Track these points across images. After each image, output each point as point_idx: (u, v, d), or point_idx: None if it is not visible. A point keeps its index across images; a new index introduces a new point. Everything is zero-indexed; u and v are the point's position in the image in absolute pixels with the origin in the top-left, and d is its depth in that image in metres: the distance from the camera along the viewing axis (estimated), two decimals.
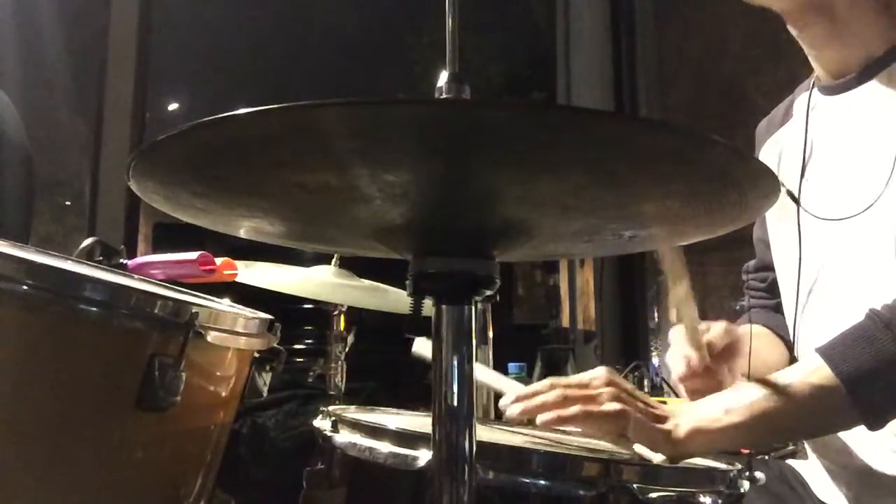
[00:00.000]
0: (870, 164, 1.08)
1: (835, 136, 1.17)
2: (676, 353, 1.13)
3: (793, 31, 1.18)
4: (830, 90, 1.19)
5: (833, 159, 1.17)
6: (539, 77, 4.36)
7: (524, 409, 0.94)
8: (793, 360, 1.30)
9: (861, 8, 1.12)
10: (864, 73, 1.13)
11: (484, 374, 1.18)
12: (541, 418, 0.92)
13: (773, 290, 1.35)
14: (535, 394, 0.95)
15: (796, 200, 1.18)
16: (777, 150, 1.30)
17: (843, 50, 1.15)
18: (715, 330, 1.15)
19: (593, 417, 0.92)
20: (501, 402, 0.99)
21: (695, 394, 1.10)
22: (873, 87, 1.12)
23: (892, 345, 0.92)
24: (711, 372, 1.12)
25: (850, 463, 1.12)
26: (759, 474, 0.92)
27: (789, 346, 1.31)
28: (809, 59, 1.21)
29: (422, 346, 1.17)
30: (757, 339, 1.29)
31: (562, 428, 0.94)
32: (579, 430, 0.94)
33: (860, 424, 0.94)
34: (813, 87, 1.23)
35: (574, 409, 0.92)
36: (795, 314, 1.20)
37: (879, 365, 0.92)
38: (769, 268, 1.34)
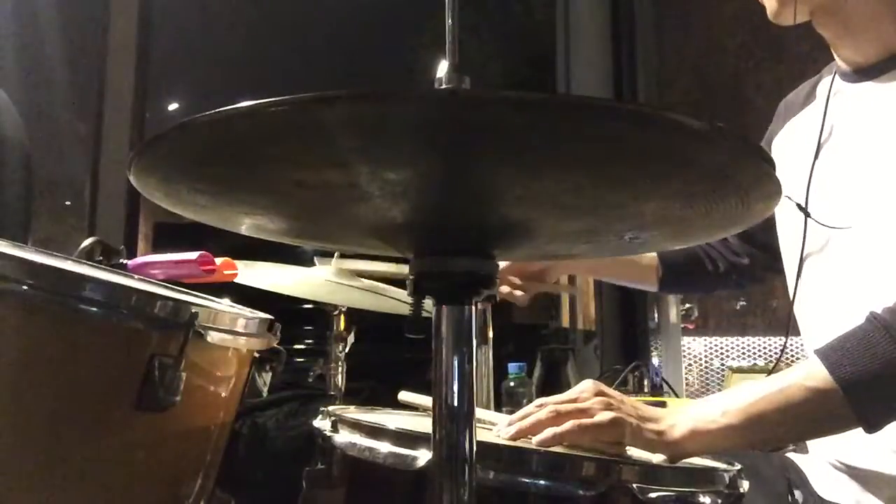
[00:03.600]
0: (884, 158, 1.09)
1: (853, 123, 1.19)
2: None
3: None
4: (851, 78, 1.21)
5: (848, 148, 1.17)
6: (539, 77, 4.36)
7: (519, 430, 0.95)
8: (660, 277, 1.46)
9: (872, 8, 1.13)
10: (883, 67, 1.14)
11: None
12: (537, 438, 0.92)
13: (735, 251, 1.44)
14: (527, 415, 0.96)
15: (805, 212, 1.19)
16: (797, 133, 1.31)
17: (859, 46, 1.17)
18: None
19: (588, 429, 0.92)
20: (495, 430, 1.00)
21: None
22: (891, 81, 1.13)
23: (891, 349, 0.92)
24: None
25: (850, 460, 1.12)
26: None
27: (662, 266, 1.46)
28: (831, 48, 1.23)
29: (408, 396, 1.20)
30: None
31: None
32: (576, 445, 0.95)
33: (857, 427, 0.94)
34: (836, 72, 1.24)
35: (568, 425, 0.92)
36: (795, 288, 1.21)
37: (878, 369, 0.92)
38: (749, 241, 1.41)
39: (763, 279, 1.48)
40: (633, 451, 0.95)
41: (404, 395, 1.22)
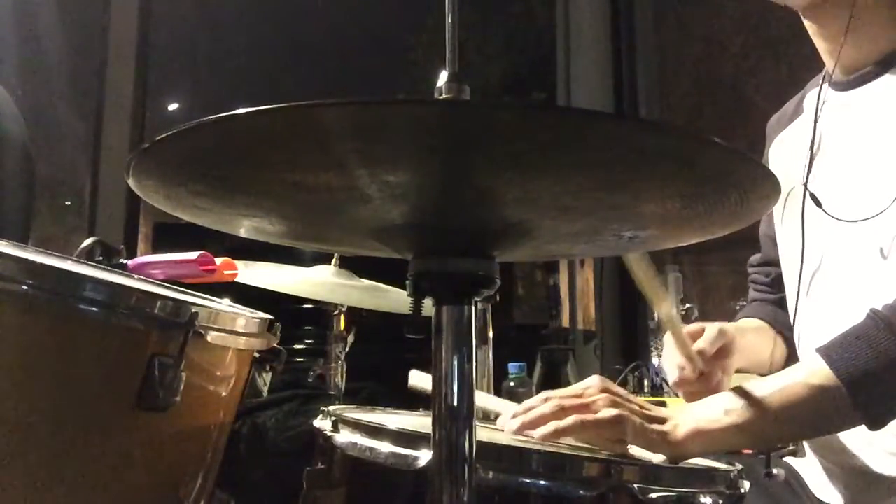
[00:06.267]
0: (882, 162, 1.08)
1: (845, 132, 1.17)
2: (669, 361, 1.15)
3: (809, 26, 1.19)
4: (842, 86, 1.19)
5: (842, 155, 1.17)
6: (539, 77, 4.36)
7: (522, 423, 0.94)
8: (790, 351, 1.32)
9: (881, 2, 1.12)
10: (878, 69, 1.13)
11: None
12: (538, 432, 0.92)
13: (776, 285, 1.37)
14: (530, 408, 0.96)
15: (817, 201, 1.17)
16: (787, 146, 1.30)
17: (860, 45, 1.14)
18: (708, 335, 1.16)
19: (591, 425, 0.92)
20: (499, 421, 0.99)
21: (692, 396, 1.13)
22: (886, 83, 1.12)
23: (893, 345, 0.92)
24: (706, 375, 1.14)
25: (848, 463, 1.12)
26: (776, 470, 0.92)
27: (786, 338, 1.32)
28: (822, 54, 1.21)
29: (418, 379, 1.17)
30: (753, 333, 1.30)
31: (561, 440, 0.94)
32: (579, 440, 0.94)
33: (860, 425, 0.94)
34: (823, 83, 1.22)
35: (571, 419, 0.92)
36: (796, 306, 1.20)
37: (880, 365, 0.92)
38: (773, 263, 1.36)
39: None
40: (636, 451, 0.95)
41: (415, 380, 1.17)
